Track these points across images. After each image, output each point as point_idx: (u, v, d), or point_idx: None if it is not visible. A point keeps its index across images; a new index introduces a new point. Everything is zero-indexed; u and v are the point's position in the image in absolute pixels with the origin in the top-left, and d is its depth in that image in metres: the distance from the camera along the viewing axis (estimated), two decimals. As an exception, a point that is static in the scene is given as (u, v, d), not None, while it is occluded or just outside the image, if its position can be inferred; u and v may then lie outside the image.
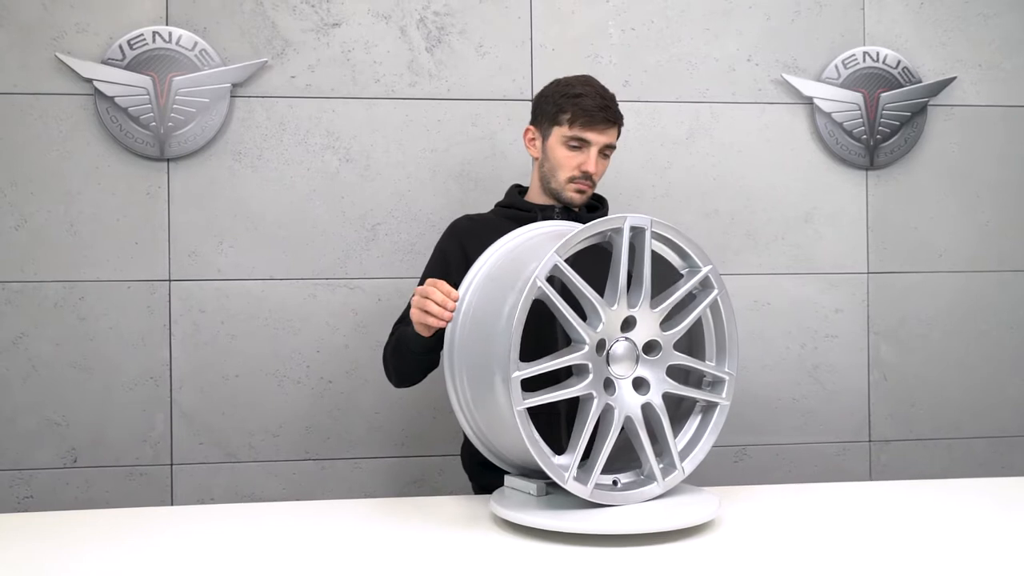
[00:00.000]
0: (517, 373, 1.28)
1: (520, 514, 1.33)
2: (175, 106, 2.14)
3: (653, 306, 1.41)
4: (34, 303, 2.13)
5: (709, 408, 1.51)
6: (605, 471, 1.42)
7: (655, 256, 1.47)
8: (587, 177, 1.71)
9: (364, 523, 1.41)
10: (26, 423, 2.13)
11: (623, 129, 2.27)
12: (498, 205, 1.87)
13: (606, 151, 1.73)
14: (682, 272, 1.49)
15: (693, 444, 1.49)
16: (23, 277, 2.12)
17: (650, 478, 1.42)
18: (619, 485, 1.40)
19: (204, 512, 1.57)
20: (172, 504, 2.17)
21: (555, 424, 1.63)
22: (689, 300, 1.48)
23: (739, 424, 2.34)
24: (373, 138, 2.23)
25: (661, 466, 1.43)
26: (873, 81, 2.35)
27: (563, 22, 2.29)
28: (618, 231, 1.37)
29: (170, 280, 2.17)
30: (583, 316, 1.38)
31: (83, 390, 2.15)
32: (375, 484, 2.23)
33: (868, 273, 2.38)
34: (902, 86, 2.36)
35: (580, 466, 1.37)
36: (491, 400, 1.36)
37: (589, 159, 1.70)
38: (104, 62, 2.12)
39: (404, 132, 2.24)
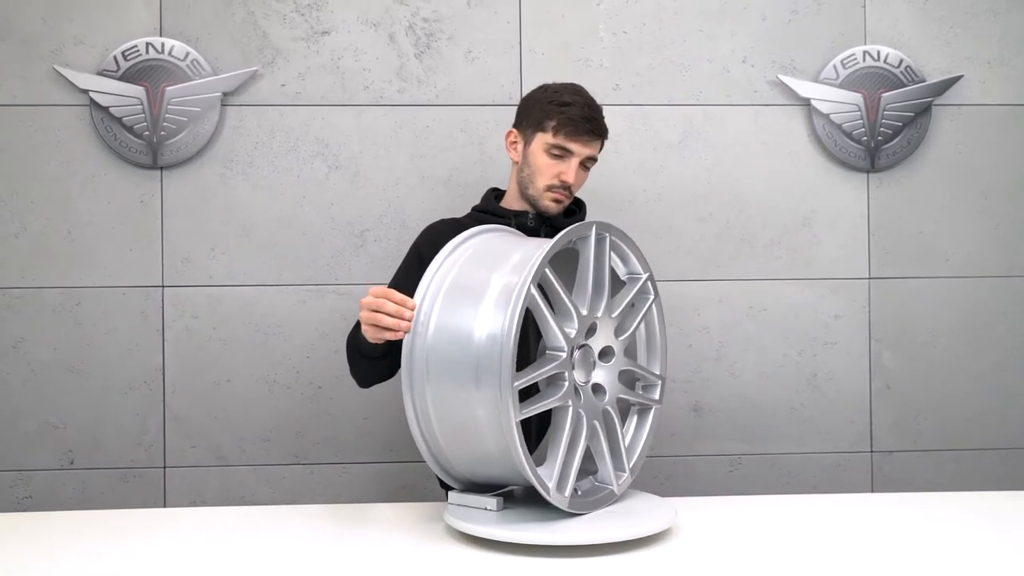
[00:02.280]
0: (518, 383, 1.25)
1: (479, 527, 1.31)
2: (167, 115, 2.18)
3: (609, 312, 1.40)
4: (33, 308, 2.19)
5: (644, 410, 1.52)
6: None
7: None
8: (566, 187, 1.70)
9: (346, 528, 1.43)
10: (25, 425, 2.19)
11: (614, 133, 2.26)
12: (474, 209, 1.86)
13: (587, 163, 1.72)
14: (623, 279, 1.48)
15: (634, 446, 1.49)
16: (23, 283, 2.19)
17: (605, 484, 1.40)
18: (580, 493, 1.39)
19: (195, 514, 1.61)
20: (165, 506, 2.21)
21: (527, 435, 1.62)
22: (628, 306, 1.46)
23: (733, 432, 2.30)
24: (362, 145, 2.24)
25: (626, 465, 1.43)
26: (874, 81, 2.29)
27: (553, 26, 2.27)
28: (585, 239, 1.35)
29: (163, 286, 2.21)
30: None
31: (80, 394, 2.20)
32: (363, 489, 2.24)
33: (869, 278, 2.32)
34: (905, 86, 2.29)
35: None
36: (463, 413, 1.32)
37: (570, 169, 1.68)
38: (99, 73, 2.17)
39: (393, 139, 2.25)
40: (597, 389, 1.41)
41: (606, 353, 1.41)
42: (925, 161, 2.32)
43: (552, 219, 1.77)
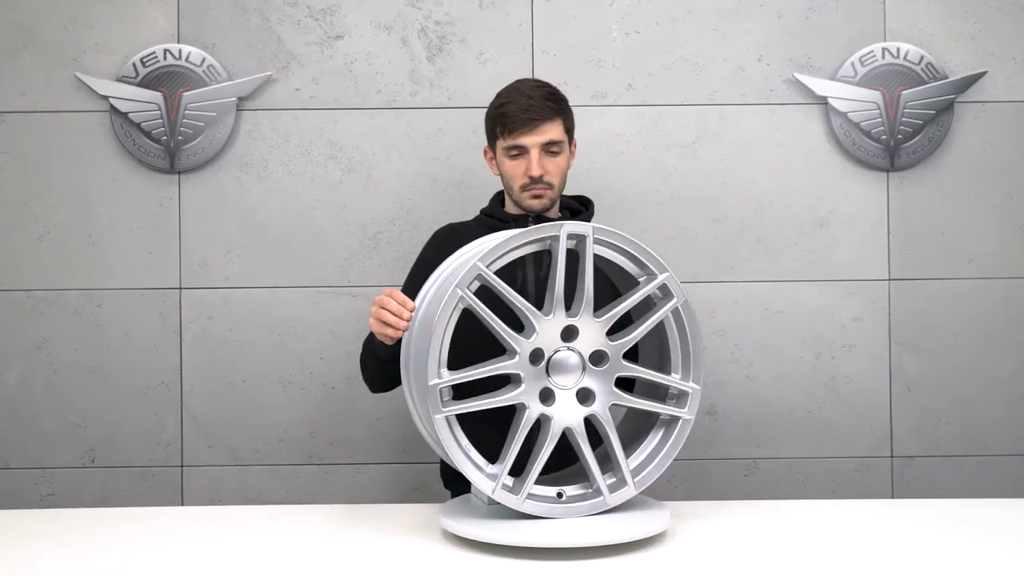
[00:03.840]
0: (435, 381, 1.29)
1: (463, 526, 1.32)
2: (184, 120, 2.22)
3: (599, 316, 1.38)
4: (55, 310, 2.24)
5: (672, 422, 1.45)
6: (564, 482, 1.41)
7: (616, 267, 1.44)
8: (537, 181, 1.69)
9: (351, 528, 1.45)
10: (48, 424, 2.24)
11: (626, 134, 2.25)
12: (481, 212, 1.87)
13: (552, 148, 1.69)
14: (639, 280, 1.45)
15: (651, 459, 1.44)
16: (46, 285, 2.24)
17: (598, 492, 1.39)
18: (564, 498, 1.38)
19: (210, 513, 1.65)
20: (182, 504, 2.24)
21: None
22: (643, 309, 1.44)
23: (749, 436, 2.26)
24: (375, 148, 2.26)
25: (613, 480, 1.40)
26: (893, 78, 2.24)
27: (564, 27, 2.27)
28: (556, 239, 1.34)
29: (181, 288, 2.25)
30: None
31: (100, 394, 2.25)
32: (376, 489, 2.26)
33: (889, 280, 2.27)
34: (925, 83, 2.24)
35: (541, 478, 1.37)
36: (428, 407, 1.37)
37: (531, 163, 1.68)
38: (119, 80, 2.22)
39: (405, 141, 2.26)
40: (586, 395, 1.39)
41: (600, 358, 1.39)
42: (947, 160, 2.27)
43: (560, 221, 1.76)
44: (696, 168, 2.27)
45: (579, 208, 1.84)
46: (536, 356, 1.35)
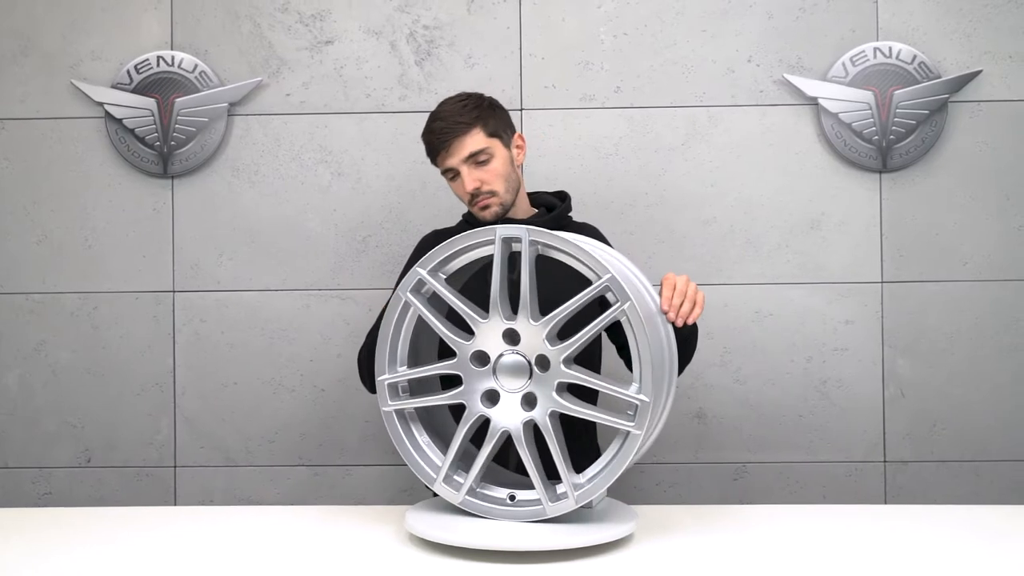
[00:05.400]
0: (383, 377, 1.39)
1: (432, 530, 1.32)
2: (177, 126, 2.25)
3: (539, 320, 1.34)
4: (53, 312, 2.29)
5: (631, 434, 1.36)
6: (524, 486, 1.40)
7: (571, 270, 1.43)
8: (476, 195, 1.69)
9: (333, 529, 1.47)
10: (46, 425, 2.29)
11: (614, 136, 2.24)
12: (463, 216, 1.88)
13: (478, 158, 1.67)
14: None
15: (600, 471, 1.36)
16: (44, 288, 2.29)
17: (552, 498, 1.36)
18: (515, 501, 1.37)
19: (201, 513, 1.67)
20: (175, 504, 2.28)
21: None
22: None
23: (738, 440, 2.25)
24: (364, 152, 2.28)
25: (563, 490, 1.35)
26: (885, 78, 2.21)
27: (553, 30, 2.27)
28: (506, 242, 1.35)
29: (174, 291, 2.28)
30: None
31: (96, 395, 2.29)
32: (366, 491, 2.27)
33: (882, 282, 2.24)
34: (918, 82, 2.21)
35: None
36: None
37: (464, 181, 1.68)
38: (114, 86, 2.26)
39: (394, 145, 2.27)
40: (531, 399, 1.36)
41: (545, 363, 1.35)
42: (942, 160, 2.23)
43: (525, 220, 1.76)
44: (685, 170, 2.26)
45: (554, 203, 1.83)
46: (482, 358, 1.36)
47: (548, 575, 1.22)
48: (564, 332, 1.35)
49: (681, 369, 1.66)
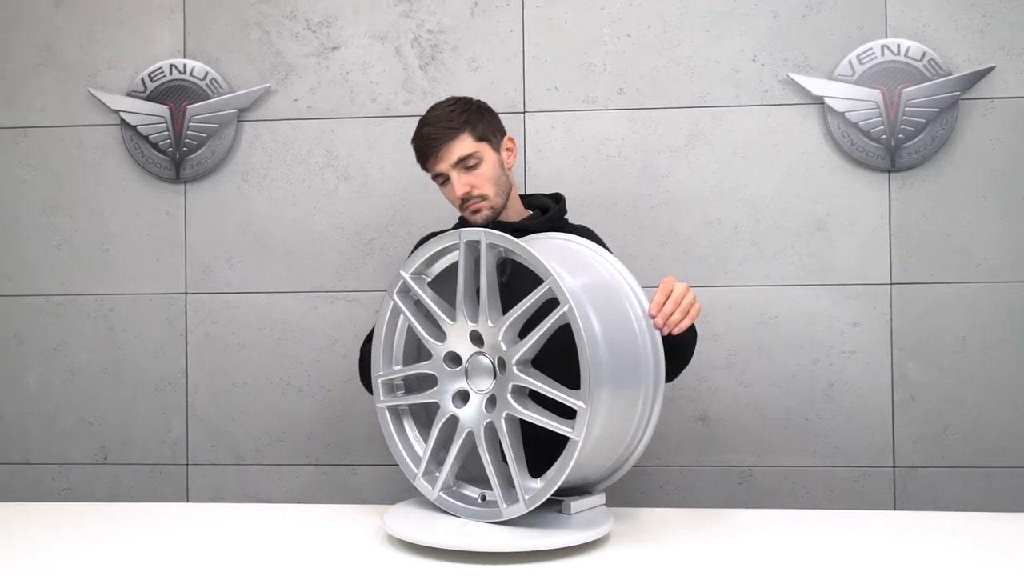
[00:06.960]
0: (378, 374, 1.45)
1: (409, 530, 1.33)
2: (189, 132, 2.31)
3: (496, 322, 1.34)
4: (72, 314, 2.36)
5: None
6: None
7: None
8: (466, 199, 1.70)
9: (331, 528, 1.49)
10: (65, 423, 2.37)
11: (617, 138, 2.24)
12: (459, 219, 1.89)
13: (467, 162, 1.68)
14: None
15: (546, 476, 1.34)
16: (63, 290, 2.36)
17: (509, 500, 1.33)
18: (485, 501, 1.39)
19: (213, 510, 1.72)
20: (188, 501, 2.33)
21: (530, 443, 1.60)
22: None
23: (743, 443, 2.22)
24: (369, 156, 2.31)
25: (517, 492, 1.34)
26: (893, 76, 2.17)
27: (556, 32, 2.27)
28: (471, 245, 1.36)
29: (186, 293, 2.34)
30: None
31: (112, 394, 2.36)
32: (371, 490, 2.30)
33: (891, 284, 2.20)
34: (928, 80, 2.16)
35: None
36: None
37: (453, 185, 1.69)
38: (128, 94, 2.33)
39: (398, 149, 2.30)
40: (494, 401, 1.36)
41: (502, 365, 1.35)
42: (953, 159, 2.19)
43: (518, 223, 1.76)
44: (689, 171, 2.24)
45: (549, 205, 1.83)
46: (455, 359, 1.39)
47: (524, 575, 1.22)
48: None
49: (675, 375, 1.66)
